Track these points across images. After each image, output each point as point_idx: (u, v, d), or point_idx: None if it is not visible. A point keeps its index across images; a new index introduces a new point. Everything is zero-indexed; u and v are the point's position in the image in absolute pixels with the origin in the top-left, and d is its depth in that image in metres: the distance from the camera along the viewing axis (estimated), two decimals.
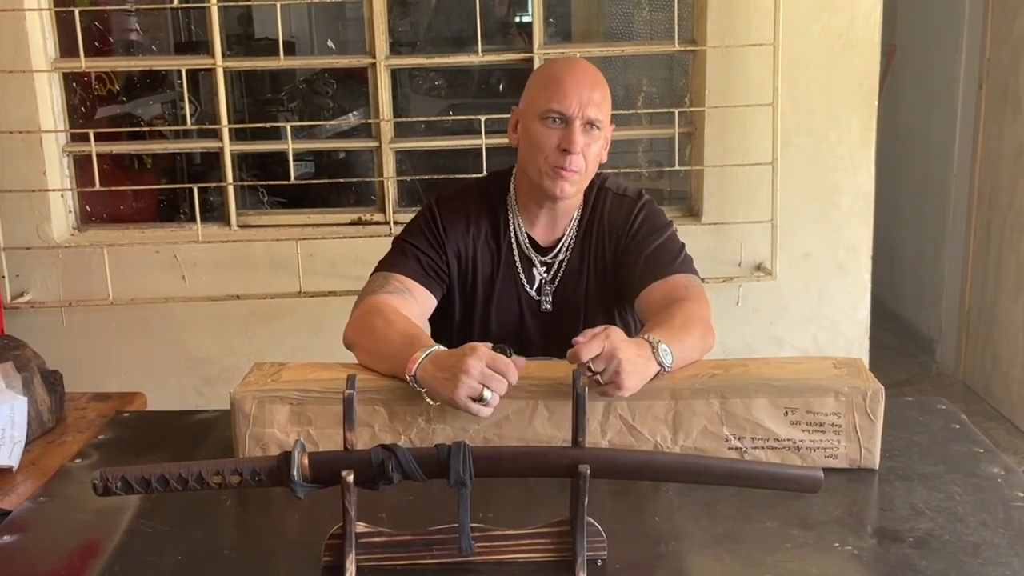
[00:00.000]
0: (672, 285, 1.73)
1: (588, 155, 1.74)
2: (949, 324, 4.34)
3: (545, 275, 1.85)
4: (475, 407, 1.41)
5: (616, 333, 1.42)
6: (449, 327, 1.86)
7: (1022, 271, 3.66)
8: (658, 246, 1.80)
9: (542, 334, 1.85)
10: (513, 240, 1.85)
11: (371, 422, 1.49)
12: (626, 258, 1.81)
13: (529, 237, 1.85)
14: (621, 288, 1.83)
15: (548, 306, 1.85)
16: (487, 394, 1.41)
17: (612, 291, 1.85)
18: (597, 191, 1.87)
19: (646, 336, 1.48)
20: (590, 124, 1.73)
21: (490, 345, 1.45)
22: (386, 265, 1.81)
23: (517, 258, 1.85)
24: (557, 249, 1.85)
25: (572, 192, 1.77)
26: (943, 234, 4.37)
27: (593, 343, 1.39)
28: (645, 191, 1.89)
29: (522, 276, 1.85)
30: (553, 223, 1.85)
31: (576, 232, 1.85)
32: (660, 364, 1.45)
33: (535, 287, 1.86)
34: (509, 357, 1.44)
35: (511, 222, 1.85)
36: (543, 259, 1.85)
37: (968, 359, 4.17)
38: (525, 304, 1.85)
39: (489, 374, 1.41)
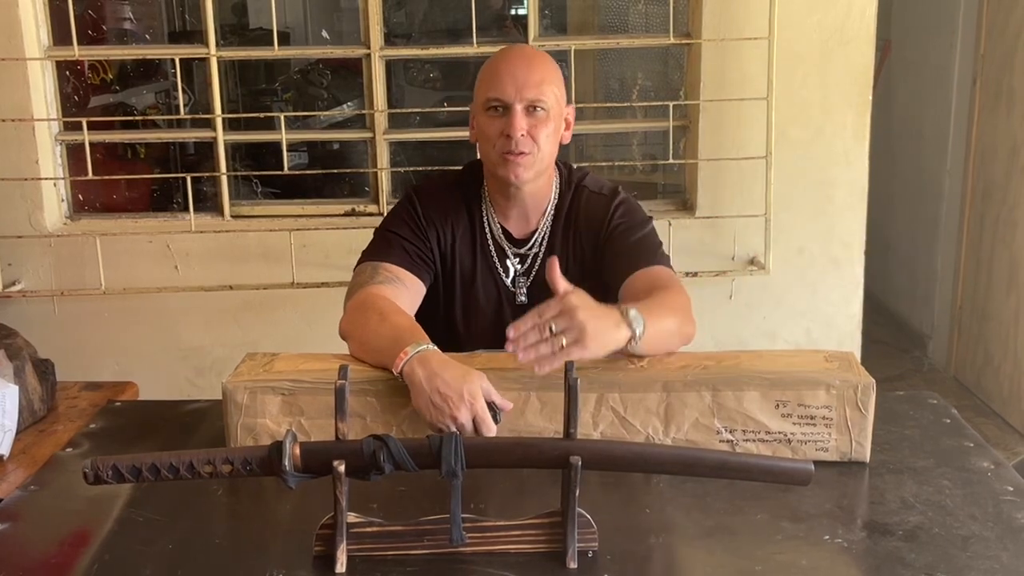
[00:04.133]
0: (655, 275, 1.73)
1: (537, 137, 1.72)
2: (941, 319, 4.35)
3: (519, 267, 1.85)
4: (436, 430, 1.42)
5: (575, 296, 1.42)
6: (433, 318, 1.84)
7: (1015, 267, 3.67)
8: (640, 238, 1.80)
9: None
10: (488, 232, 1.85)
11: (363, 413, 1.49)
12: (607, 251, 1.81)
13: (503, 229, 1.84)
14: (603, 284, 1.82)
15: (524, 298, 1.85)
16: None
17: (590, 290, 1.83)
18: (575, 188, 1.86)
19: (615, 306, 1.47)
20: (532, 106, 1.72)
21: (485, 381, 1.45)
22: (372, 255, 1.80)
23: (493, 250, 1.85)
24: (531, 242, 1.84)
25: (528, 176, 1.75)
26: (936, 229, 4.37)
27: (550, 303, 1.40)
28: (622, 187, 1.88)
29: (498, 268, 1.85)
30: (525, 216, 1.84)
31: (551, 227, 1.84)
32: (631, 329, 1.44)
33: (510, 278, 1.86)
34: (497, 420, 1.43)
35: (484, 214, 1.85)
36: (517, 251, 1.85)
37: (960, 354, 4.18)
38: (503, 294, 1.86)
39: (469, 428, 1.41)
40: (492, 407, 1.43)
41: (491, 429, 1.42)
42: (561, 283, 1.45)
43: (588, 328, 1.39)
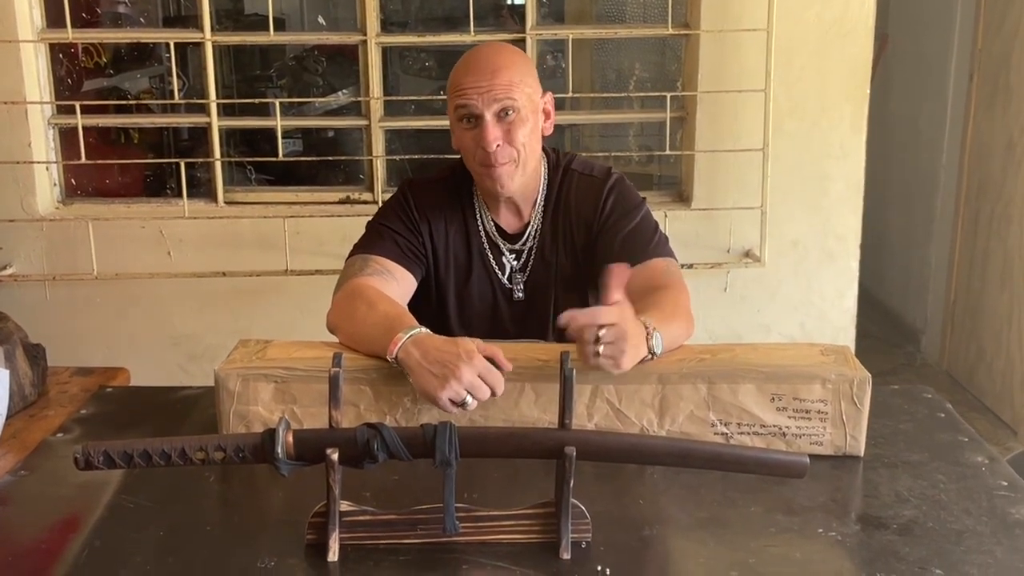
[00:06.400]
0: (651, 270, 1.70)
1: (515, 141, 1.68)
2: (935, 314, 4.36)
3: (515, 263, 1.84)
4: (453, 409, 1.40)
5: (629, 310, 1.40)
6: (426, 314, 1.82)
7: (1008, 263, 3.67)
8: (631, 229, 1.76)
9: (515, 321, 1.84)
10: (481, 229, 1.83)
11: (357, 402, 1.48)
12: (599, 244, 1.78)
13: (496, 225, 1.83)
14: (595, 274, 1.81)
15: (520, 294, 1.83)
16: (469, 400, 1.40)
17: (585, 277, 1.81)
18: (563, 173, 1.83)
19: (643, 319, 1.46)
20: (503, 111, 1.67)
21: (479, 342, 1.44)
22: (363, 248, 1.78)
23: (487, 246, 1.83)
24: (525, 236, 1.83)
25: (514, 183, 1.72)
26: (931, 224, 4.38)
27: (609, 311, 1.37)
28: (614, 168, 1.85)
29: (493, 264, 1.83)
30: (517, 211, 1.82)
31: (542, 218, 1.82)
32: (651, 350, 1.44)
33: (506, 275, 1.84)
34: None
35: (477, 211, 1.83)
36: (512, 247, 1.83)
37: (953, 350, 4.18)
38: (499, 291, 1.84)
39: (477, 383, 1.39)
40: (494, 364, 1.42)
41: (499, 381, 1.41)
42: (615, 294, 1.42)
43: (627, 355, 1.38)
